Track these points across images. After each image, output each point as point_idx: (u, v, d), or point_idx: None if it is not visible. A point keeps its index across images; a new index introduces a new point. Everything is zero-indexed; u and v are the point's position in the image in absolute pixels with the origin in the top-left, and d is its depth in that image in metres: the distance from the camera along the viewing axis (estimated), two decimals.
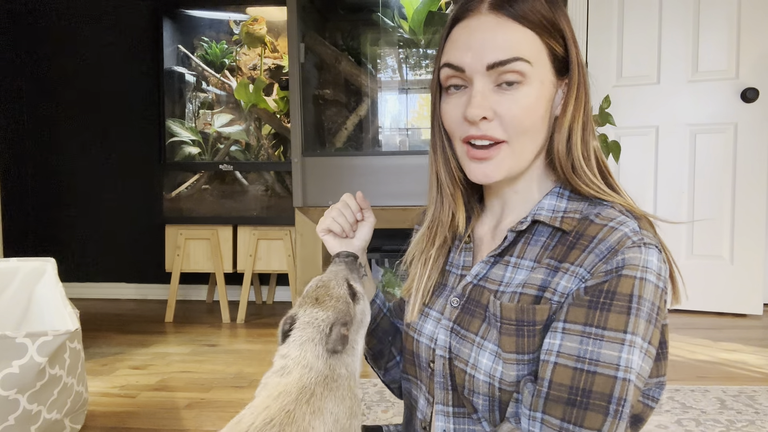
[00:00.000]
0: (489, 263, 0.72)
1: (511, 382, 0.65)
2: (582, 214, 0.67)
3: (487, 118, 0.67)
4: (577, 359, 0.59)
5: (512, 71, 0.65)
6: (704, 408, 1.71)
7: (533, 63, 0.66)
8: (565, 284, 0.63)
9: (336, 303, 0.73)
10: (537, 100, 0.67)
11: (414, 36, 2.81)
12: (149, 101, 3.24)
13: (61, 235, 3.43)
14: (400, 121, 2.99)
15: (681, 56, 2.76)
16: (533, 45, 0.66)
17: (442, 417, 0.73)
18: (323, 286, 0.75)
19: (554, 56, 0.68)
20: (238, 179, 3.08)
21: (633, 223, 0.63)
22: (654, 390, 0.70)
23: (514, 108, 0.66)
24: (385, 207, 2.53)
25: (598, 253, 0.62)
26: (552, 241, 0.68)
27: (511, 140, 0.68)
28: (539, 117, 0.68)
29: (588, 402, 0.58)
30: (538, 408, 0.61)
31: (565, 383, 0.59)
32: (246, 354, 2.34)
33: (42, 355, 1.36)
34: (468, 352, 0.69)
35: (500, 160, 0.69)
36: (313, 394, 0.68)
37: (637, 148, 2.82)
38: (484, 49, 0.66)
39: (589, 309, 0.60)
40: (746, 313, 2.75)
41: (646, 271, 0.60)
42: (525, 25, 0.66)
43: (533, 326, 0.64)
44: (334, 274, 0.77)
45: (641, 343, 0.59)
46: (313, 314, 0.72)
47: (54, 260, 1.85)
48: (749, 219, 2.71)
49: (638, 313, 0.59)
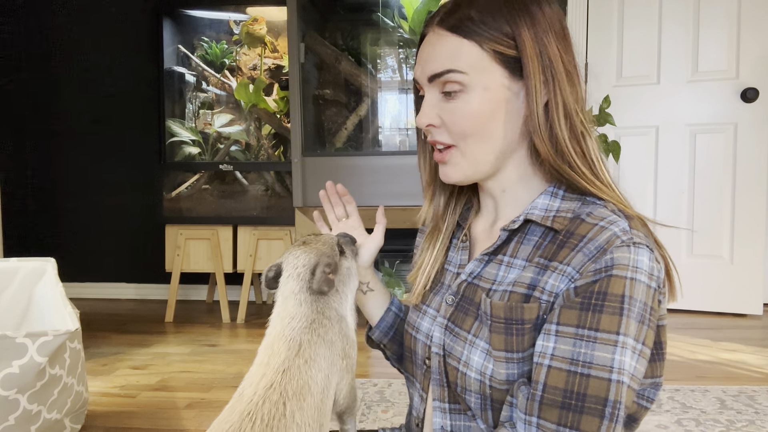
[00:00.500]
0: (483, 261, 0.73)
1: (501, 380, 0.65)
2: (574, 213, 0.67)
3: (434, 125, 0.72)
4: (570, 362, 0.59)
5: (449, 81, 0.69)
6: (704, 408, 1.72)
7: (469, 72, 0.67)
8: (553, 283, 0.64)
9: (321, 246, 0.76)
10: (479, 106, 0.68)
11: (414, 36, 2.81)
12: (149, 101, 3.24)
13: (61, 235, 3.43)
14: (400, 121, 2.99)
15: (681, 56, 2.76)
16: (471, 54, 0.67)
17: (439, 413, 0.74)
18: (314, 234, 0.81)
19: (505, 59, 0.68)
20: (238, 179, 3.08)
21: (623, 222, 0.63)
22: (649, 390, 0.70)
23: (454, 115, 0.70)
24: (384, 207, 2.53)
25: (586, 252, 0.62)
26: (544, 240, 0.68)
27: (459, 144, 0.71)
28: (484, 121, 0.69)
29: (583, 405, 0.58)
30: (534, 412, 0.61)
31: (559, 386, 0.59)
32: (246, 354, 2.34)
33: (42, 355, 1.36)
34: (460, 350, 0.70)
35: (455, 163, 0.73)
36: (301, 344, 0.69)
37: (637, 148, 2.82)
38: (426, 62, 0.71)
39: (581, 311, 0.60)
40: (746, 313, 2.75)
41: (636, 271, 0.60)
42: (461, 35, 0.68)
43: (522, 325, 0.64)
44: (327, 235, 0.82)
45: (633, 344, 0.59)
46: (295, 262, 0.75)
47: (54, 260, 1.85)
48: (749, 219, 2.71)
49: (629, 314, 0.59)
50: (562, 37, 0.69)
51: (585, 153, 0.69)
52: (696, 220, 2.79)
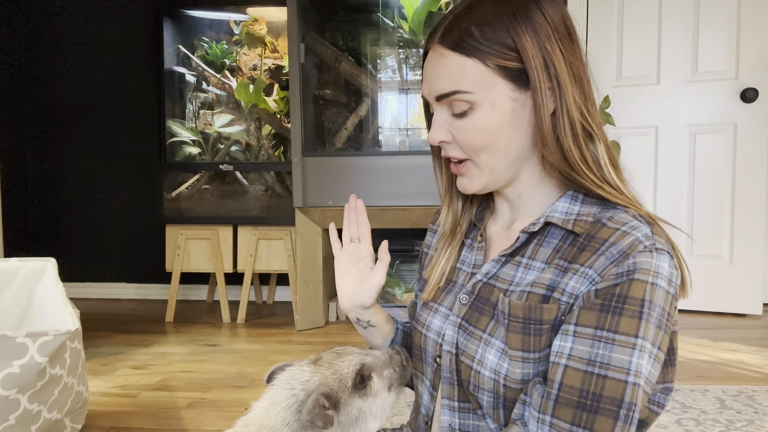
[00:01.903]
0: (500, 262, 0.73)
1: (516, 380, 0.65)
2: (595, 218, 0.67)
3: (446, 141, 0.72)
4: (588, 362, 0.60)
5: (456, 101, 0.69)
6: (704, 408, 1.72)
7: (475, 90, 0.67)
8: (574, 285, 0.64)
9: (330, 373, 0.67)
10: (488, 121, 0.68)
11: (414, 36, 2.81)
12: (149, 101, 3.24)
13: (61, 235, 3.43)
14: (400, 121, 3.00)
15: (681, 56, 2.76)
16: (475, 71, 0.67)
17: (447, 411, 0.74)
18: (337, 352, 0.70)
19: (509, 72, 0.67)
20: (239, 179, 3.08)
21: (646, 228, 0.63)
22: (660, 396, 0.70)
23: (465, 133, 0.70)
24: (385, 207, 2.54)
25: (609, 255, 0.62)
26: (564, 243, 0.68)
27: (472, 158, 0.72)
28: (494, 135, 0.69)
29: (598, 406, 0.58)
30: (548, 411, 0.61)
31: (575, 386, 0.60)
32: (246, 354, 2.34)
33: (42, 355, 1.36)
34: (475, 348, 0.70)
35: (471, 176, 0.73)
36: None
37: (637, 148, 2.82)
38: (431, 82, 0.71)
39: (600, 312, 0.60)
40: (746, 313, 2.75)
41: (657, 277, 0.60)
42: (463, 53, 0.67)
43: (540, 325, 0.64)
44: (360, 355, 0.71)
45: (651, 348, 0.60)
46: (299, 375, 0.66)
47: (54, 260, 1.85)
48: (749, 219, 2.71)
49: (649, 318, 0.59)
50: (566, 38, 0.68)
51: (589, 157, 0.68)
52: (696, 220, 2.79)
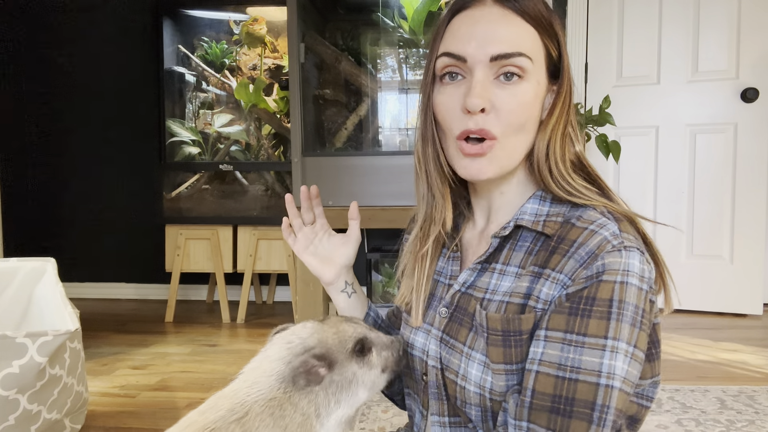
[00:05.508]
0: (476, 270, 0.72)
1: (502, 392, 0.65)
2: (564, 217, 0.67)
3: (485, 110, 0.65)
4: (558, 367, 0.59)
5: (514, 65, 0.65)
6: (704, 408, 1.71)
7: (534, 60, 0.66)
8: (547, 291, 0.63)
9: (329, 335, 0.66)
10: (533, 99, 0.67)
11: (414, 36, 2.81)
12: (149, 101, 3.24)
13: (61, 234, 3.43)
14: (400, 121, 2.99)
15: (681, 56, 2.76)
16: (534, 42, 0.67)
17: (438, 428, 0.72)
18: (346, 318, 0.70)
19: (550, 59, 0.69)
20: (238, 179, 3.08)
21: (613, 225, 0.63)
22: (648, 389, 0.70)
23: (512, 102, 0.65)
24: (385, 207, 2.54)
25: (578, 258, 0.61)
26: (535, 245, 0.67)
27: (503, 137, 0.66)
28: (532, 116, 0.68)
29: (572, 410, 0.58)
30: (523, 417, 0.61)
31: (548, 392, 0.59)
32: (246, 354, 2.34)
33: (42, 355, 1.36)
34: (458, 363, 0.69)
35: (492, 157, 0.67)
36: (248, 413, 0.59)
37: (637, 148, 2.82)
38: (488, 40, 0.65)
39: (569, 316, 0.60)
40: (746, 313, 2.75)
41: (627, 275, 0.59)
42: (528, 21, 0.66)
43: (520, 336, 0.64)
44: (366, 329, 0.70)
45: (626, 348, 0.59)
46: (299, 332, 0.66)
47: (54, 260, 1.85)
48: (749, 219, 2.71)
49: (621, 318, 0.59)
50: None
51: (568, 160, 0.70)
52: (696, 220, 2.79)
